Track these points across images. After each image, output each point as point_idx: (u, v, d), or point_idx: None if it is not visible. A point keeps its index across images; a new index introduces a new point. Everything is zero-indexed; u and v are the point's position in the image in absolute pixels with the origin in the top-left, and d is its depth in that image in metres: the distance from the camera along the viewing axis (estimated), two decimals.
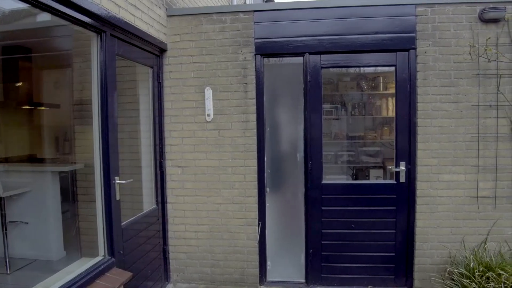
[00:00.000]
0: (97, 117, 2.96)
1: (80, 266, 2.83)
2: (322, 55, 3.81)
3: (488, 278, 3.13)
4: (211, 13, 3.91)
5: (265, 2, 9.29)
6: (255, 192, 3.89)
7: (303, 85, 3.86)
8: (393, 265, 3.85)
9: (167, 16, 3.95)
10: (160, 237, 3.95)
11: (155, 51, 3.82)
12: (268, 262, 4.02)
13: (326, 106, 4.65)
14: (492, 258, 3.36)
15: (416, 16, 3.71)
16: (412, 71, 3.72)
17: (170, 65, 3.97)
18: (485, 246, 3.64)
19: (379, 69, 4.27)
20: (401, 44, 3.72)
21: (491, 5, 3.63)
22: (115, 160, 3.05)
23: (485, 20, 3.66)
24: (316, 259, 3.90)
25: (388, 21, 3.74)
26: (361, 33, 3.76)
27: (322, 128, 3.84)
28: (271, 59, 3.97)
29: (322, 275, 3.91)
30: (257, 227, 3.91)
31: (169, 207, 4.02)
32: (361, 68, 4.35)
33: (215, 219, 3.96)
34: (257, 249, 3.93)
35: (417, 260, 3.77)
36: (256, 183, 3.88)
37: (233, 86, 3.88)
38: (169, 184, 4.01)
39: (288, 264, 4.05)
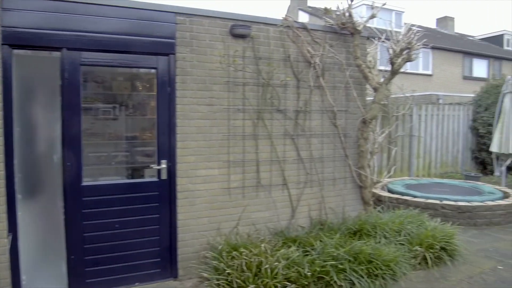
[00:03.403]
0: None
1: None
2: (82, 52, 3.66)
3: (233, 257, 3.63)
4: None
5: None
6: (2, 200, 3.41)
7: (61, 82, 3.62)
8: (159, 259, 4.01)
9: None
10: None
11: None
12: (23, 277, 3.60)
13: (101, 106, 4.49)
14: (238, 239, 3.93)
15: (176, 24, 3.98)
16: (172, 75, 3.97)
17: None
18: (237, 230, 4.22)
19: (152, 70, 4.41)
20: (162, 48, 3.93)
21: (240, 23, 4.22)
22: None
23: (234, 35, 4.22)
24: (80, 265, 3.71)
25: (151, 25, 3.88)
26: (124, 34, 3.78)
27: (81, 128, 3.67)
28: (23, 51, 3.57)
29: (87, 281, 3.75)
30: (6, 240, 3.46)
31: None
32: (137, 69, 4.39)
33: None
34: (8, 264, 3.47)
35: (180, 250, 4.04)
36: (3, 189, 3.40)
37: None
38: None
39: (48, 275, 3.75)
